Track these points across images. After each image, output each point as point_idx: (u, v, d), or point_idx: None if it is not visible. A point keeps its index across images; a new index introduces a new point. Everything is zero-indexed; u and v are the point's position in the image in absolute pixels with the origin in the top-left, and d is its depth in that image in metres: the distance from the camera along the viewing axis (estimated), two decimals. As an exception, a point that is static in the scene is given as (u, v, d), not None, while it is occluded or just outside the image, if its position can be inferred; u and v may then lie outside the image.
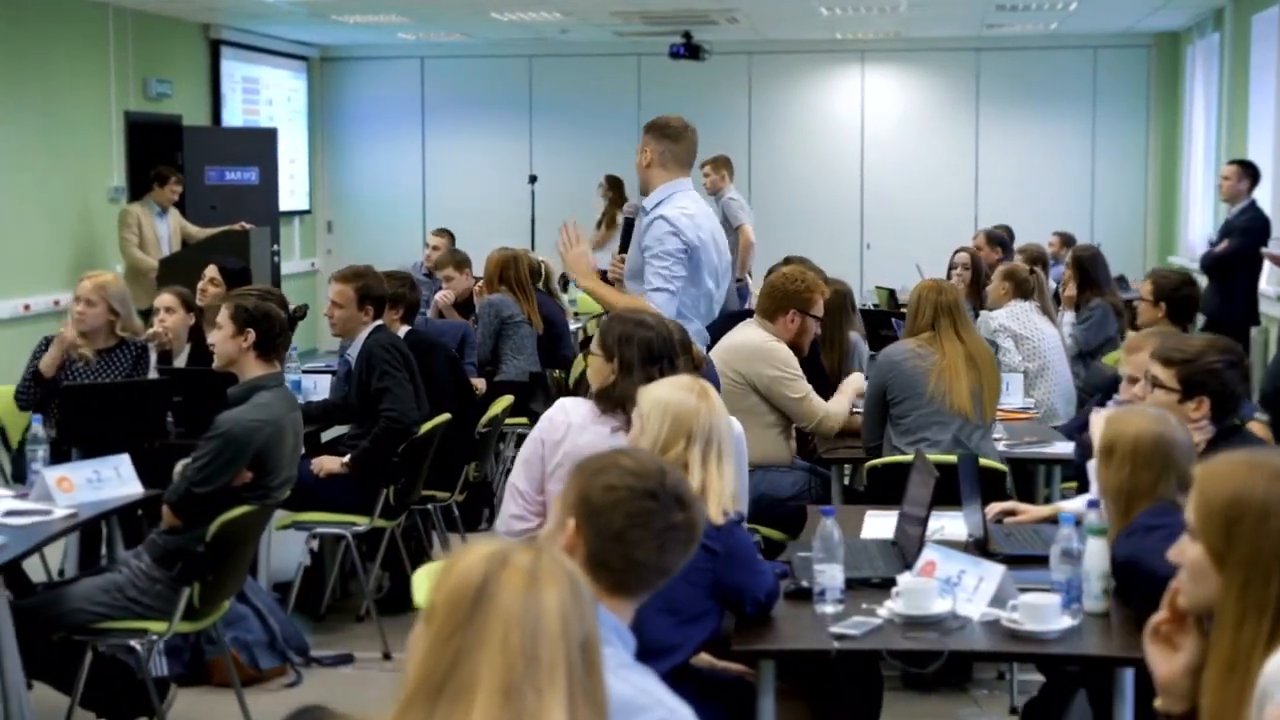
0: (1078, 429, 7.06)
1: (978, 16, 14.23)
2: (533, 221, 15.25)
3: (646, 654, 3.69)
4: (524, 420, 8.28)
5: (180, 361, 7.38)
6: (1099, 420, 4.58)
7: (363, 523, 6.46)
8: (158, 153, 13.11)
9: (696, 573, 3.69)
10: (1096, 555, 3.87)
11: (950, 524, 4.68)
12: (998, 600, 3.85)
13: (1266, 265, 10.02)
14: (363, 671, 6.33)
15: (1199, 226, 14.20)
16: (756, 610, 3.85)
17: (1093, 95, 15.96)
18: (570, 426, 4.40)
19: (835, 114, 16.23)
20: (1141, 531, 3.79)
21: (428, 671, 2.00)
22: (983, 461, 5.54)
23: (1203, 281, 10.41)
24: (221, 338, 5.24)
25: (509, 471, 4.70)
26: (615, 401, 4.37)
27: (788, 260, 8.02)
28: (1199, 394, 4.30)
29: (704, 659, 4.03)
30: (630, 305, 5.24)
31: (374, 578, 6.89)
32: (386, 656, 6.43)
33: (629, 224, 5.80)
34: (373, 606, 6.58)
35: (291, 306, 6.02)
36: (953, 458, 5.25)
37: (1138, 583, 3.75)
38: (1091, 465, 4.47)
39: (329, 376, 7.48)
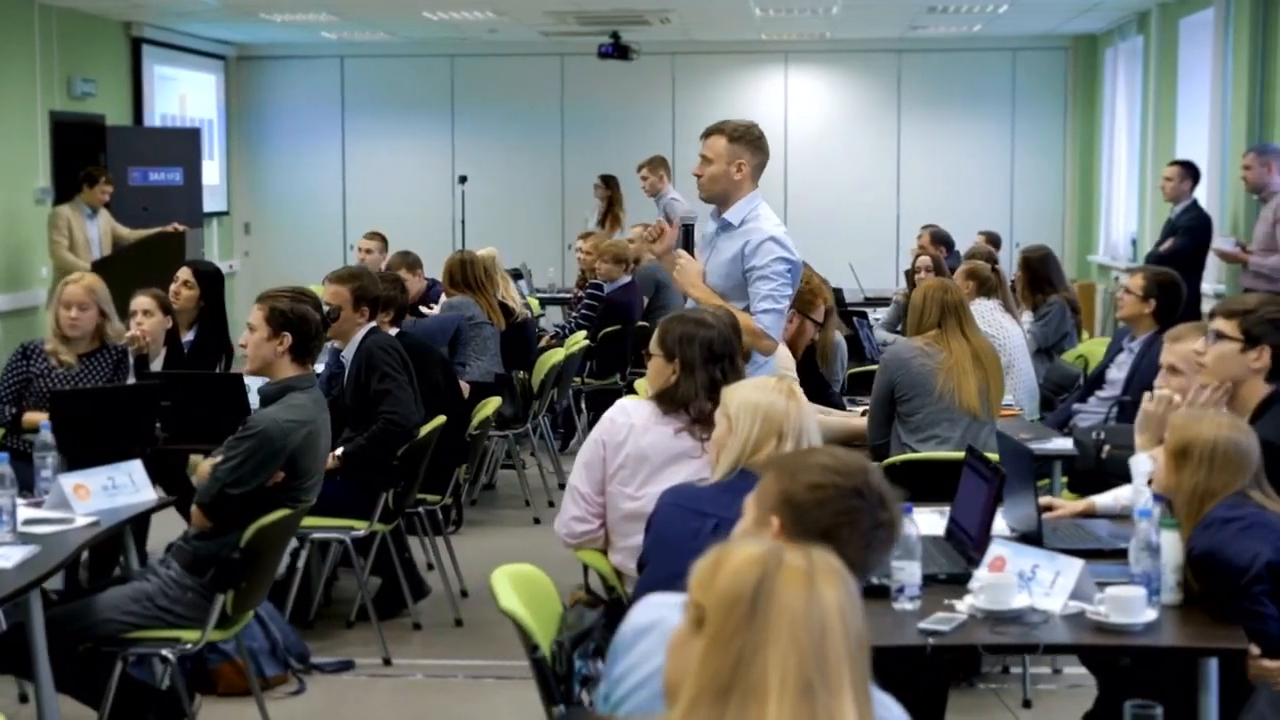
0: (1058, 425, 7.19)
1: (905, 18, 14.37)
2: (462, 222, 15.16)
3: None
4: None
5: (157, 365, 7.25)
6: (1145, 419, 4.67)
7: (361, 527, 6.39)
8: (82, 153, 12.88)
9: (789, 571, 3.70)
10: (1171, 548, 3.93)
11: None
12: (1077, 594, 3.89)
13: (1209, 264, 10.21)
14: (364, 677, 6.26)
15: (1122, 226, 14.45)
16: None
17: (1012, 97, 16.19)
18: (632, 428, 4.39)
19: (759, 115, 16.15)
20: (1219, 524, 3.88)
21: (711, 673, 1.99)
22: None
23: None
24: (256, 340, 5.13)
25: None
26: (678, 402, 4.37)
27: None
28: (1260, 344, 4.56)
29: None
30: (741, 322, 5.19)
31: (366, 582, 6.80)
32: (387, 662, 6.36)
33: (687, 230, 5.72)
34: (372, 611, 6.51)
35: (325, 309, 5.93)
36: (961, 454, 5.34)
37: (1218, 573, 3.83)
38: (1137, 461, 4.55)
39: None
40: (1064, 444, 6.29)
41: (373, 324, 6.68)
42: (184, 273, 7.75)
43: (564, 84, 16.47)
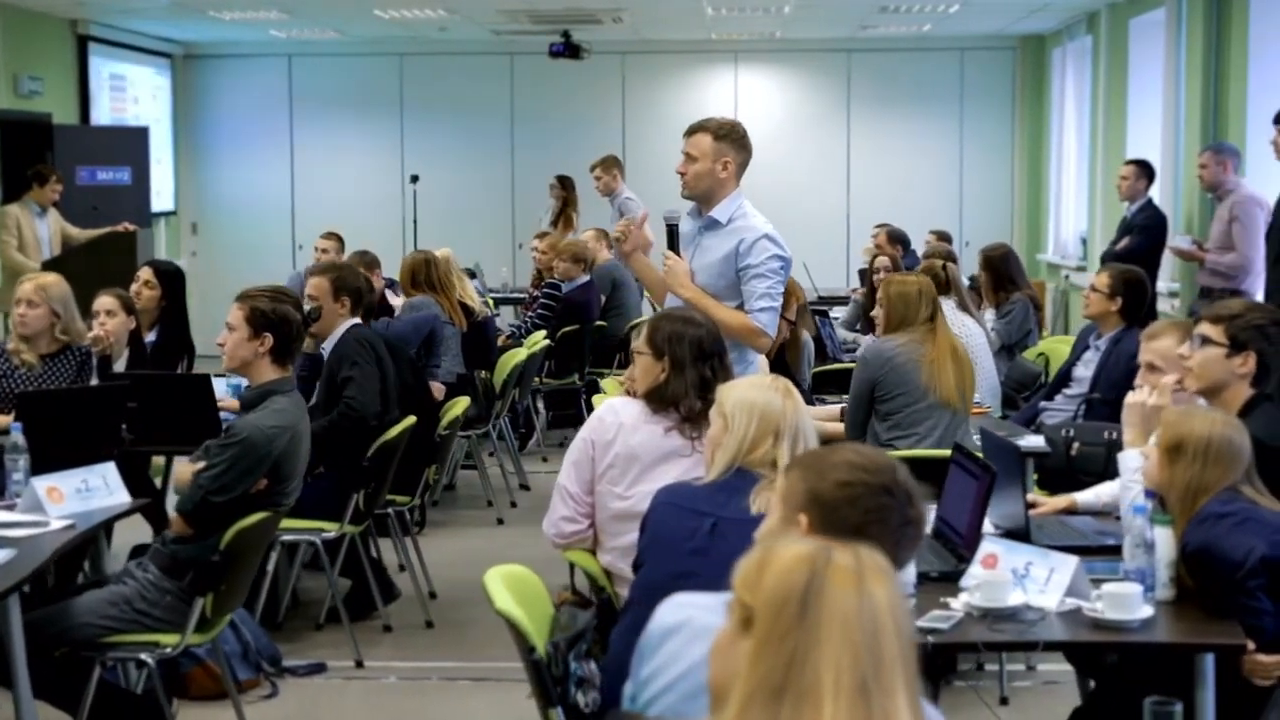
0: (1025, 423, 7.22)
1: (856, 18, 14.41)
2: (414, 222, 15.08)
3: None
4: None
5: (120, 366, 7.18)
6: (1132, 415, 4.68)
7: (332, 529, 6.33)
8: (29, 152, 12.72)
9: (790, 571, 3.69)
10: (1164, 544, 3.95)
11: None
12: (1072, 591, 3.90)
13: (1165, 262, 10.28)
14: (337, 680, 6.20)
15: (1071, 224, 14.55)
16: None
17: (960, 96, 16.26)
18: (621, 427, 4.37)
19: (709, 114, 15.96)
20: (1213, 519, 3.90)
21: (762, 674, 1.97)
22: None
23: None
24: (236, 341, 5.05)
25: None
26: (668, 401, 4.35)
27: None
28: (1246, 349, 4.56)
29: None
30: (733, 320, 5.21)
31: (336, 584, 6.74)
32: (359, 664, 6.31)
33: (672, 230, 5.70)
34: (344, 614, 6.46)
35: (307, 308, 5.86)
36: (945, 452, 5.36)
37: (1213, 568, 3.84)
38: (1126, 457, 4.57)
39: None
40: (1036, 441, 6.31)
41: (355, 320, 6.63)
42: (145, 272, 7.67)
43: (514, 83, 16.41)
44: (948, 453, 5.21)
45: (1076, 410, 7.07)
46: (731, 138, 5.56)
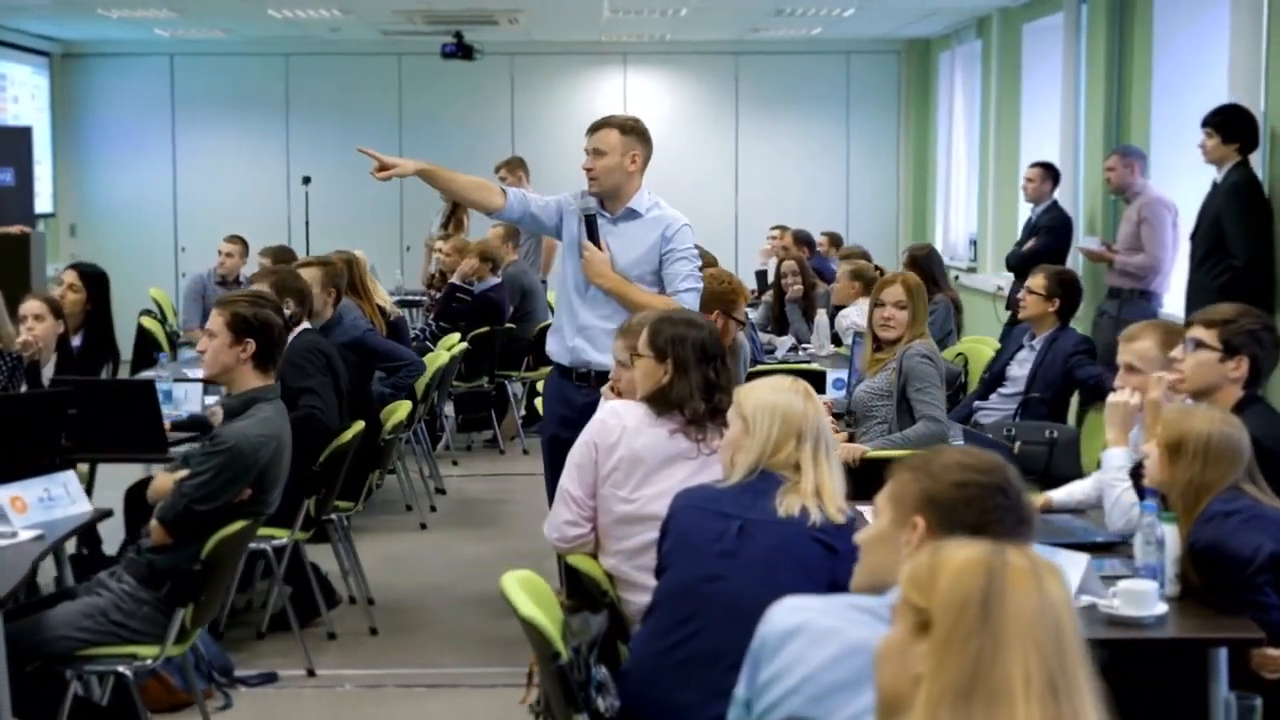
0: (961, 422, 7.31)
1: (750, 20, 14.47)
2: (306, 224, 14.88)
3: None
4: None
5: (48, 371, 7.00)
6: (1115, 414, 4.76)
7: (283, 536, 6.23)
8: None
9: (818, 571, 3.70)
10: (1170, 542, 4.02)
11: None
12: (1085, 588, 3.95)
13: (1070, 263, 10.46)
14: (291, 689, 6.10)
15: (962, 227, 14.75)
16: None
17: (846, 99, 16.41)
18: (625, 430, 4.34)
19: (599, 115, 15.99)
20: (1220, 518, 3.97)
21: (949, 677, 1.97)
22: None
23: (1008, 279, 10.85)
24: (217, 347, 4.94)
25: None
26: (672, 404, 4.34)
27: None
28: (1239, 354, 4.64)
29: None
30: (658, 302, 5.38)
31: (276, 592, 6.63)
32: (310, 673, 6.21)
33: (590, 221, 5.81)
34: (294, 621, 6.36)
35: (288, 312, 5.74)
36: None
37: (1222, 565, 3.92)
38: (1110, 455, 4.65)
39: (199, 386, 7.18)
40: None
41: (305, 325, 6.54)
42: (69, 275, 7.51)
43: (402, 84, 16.26)
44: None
45: (1017, 410, 7.18)
46: (637, 132, 5.93)
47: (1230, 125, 7.73)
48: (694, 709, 3.68)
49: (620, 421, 4.36)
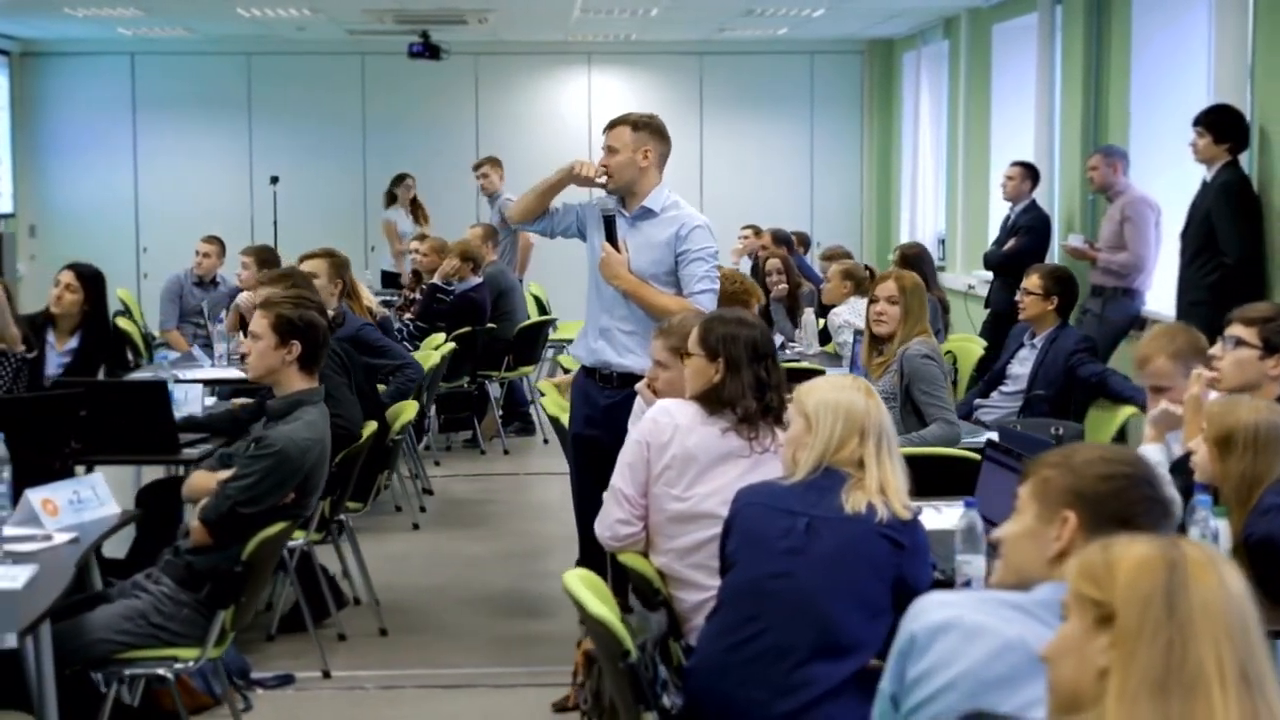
0: (962, 419, 7.37)
1: (718, 20, 14.50)
2: (274, 224, 14.79)
3: (839, 650, 3.72)
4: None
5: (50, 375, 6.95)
6: (1161, 418, 4.80)
7: (299, 537, 6.20)
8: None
9: (886, 567, 3.73)
10: (1223, 536, 4.07)
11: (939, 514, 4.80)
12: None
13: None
14: (310, 691, 6.07)
15: (930, 226, 14.83)
16: (916, 604, 3.90)
17: (810, 99, 16.49)
18: (677, 428, 4.35)
19: (563, 115, 16.28)
20: (1276, 510, 4.01)
21: (1141, 669, 1.99)
22: (960, 452, 5.75)
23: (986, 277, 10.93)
24: (262, 349, 4.91)
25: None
26: (724, 402, 4.35)
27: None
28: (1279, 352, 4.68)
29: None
30: (674, 305, 5.35)
31: (286, 593, 6.61)
32: (326, 674, 6.18)
33: (609, 222, 5.81)
34: (310, 622, 6.33)
35: (330, 314, 5.71)
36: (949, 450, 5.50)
37: (1278, 557, 3.96)
38: (1146, 451, 4.69)
39: (199, 387, 7.12)
40: (991, 438, 6.44)
41: None
42: (66, 276, 7.45)
43: (365, 84, 16.21)
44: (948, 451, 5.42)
45: (1020, 408, 7.24)
46: (651, 128, 5.90)
47: (1222, 125, 7.84)
48: (761, 706, 3.70)
49: (672, 420, 4.37)
